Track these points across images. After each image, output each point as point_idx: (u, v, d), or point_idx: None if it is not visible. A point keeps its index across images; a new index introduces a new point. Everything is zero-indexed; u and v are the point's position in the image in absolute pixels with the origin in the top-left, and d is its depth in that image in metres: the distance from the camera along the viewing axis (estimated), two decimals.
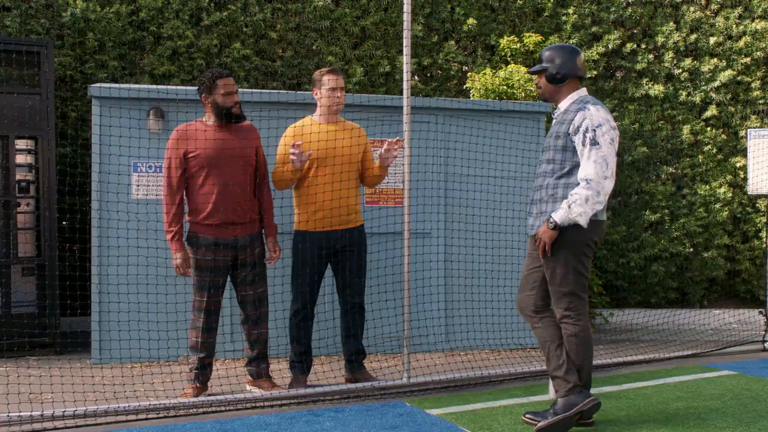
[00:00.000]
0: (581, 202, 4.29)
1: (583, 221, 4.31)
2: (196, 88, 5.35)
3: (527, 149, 7.20)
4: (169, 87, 6.56)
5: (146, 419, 4.68)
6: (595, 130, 4.34)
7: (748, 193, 7.54)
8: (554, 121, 4.64)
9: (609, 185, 4.34)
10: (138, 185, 6.36)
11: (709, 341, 7.67)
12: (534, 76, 5.35)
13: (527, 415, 4.49)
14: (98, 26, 8.03)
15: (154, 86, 6.60)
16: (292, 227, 5.60)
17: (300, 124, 5.48)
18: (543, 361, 6.44)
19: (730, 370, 6.18)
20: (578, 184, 4.36)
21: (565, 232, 4.37)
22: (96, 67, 8.06)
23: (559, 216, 4.33)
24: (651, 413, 4.80)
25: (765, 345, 7.19)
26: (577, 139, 4.38)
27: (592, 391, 5.26)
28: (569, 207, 4.31)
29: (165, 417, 4.73)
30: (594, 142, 4.33)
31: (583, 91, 4.62)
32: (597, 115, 4.37)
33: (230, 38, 8.48)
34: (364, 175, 5.61)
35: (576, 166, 4.42)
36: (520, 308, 4.71)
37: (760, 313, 7.48)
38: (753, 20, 9.34)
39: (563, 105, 4.60)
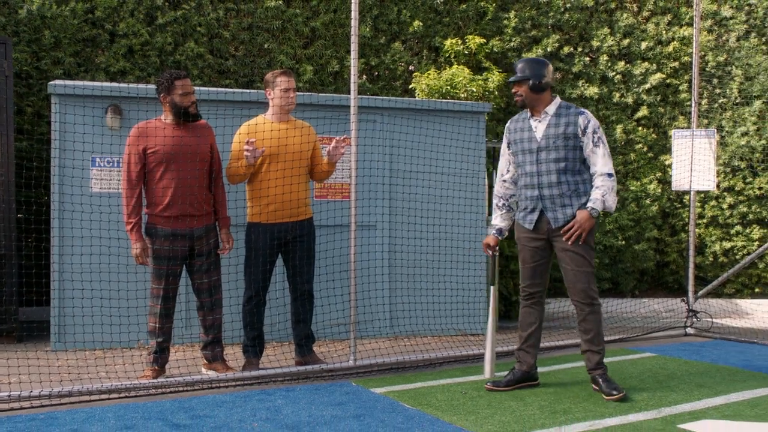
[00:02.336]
0: (611, 192, 4.99)
1: (614, 208, 5.08)
2: (155, 87, 5.63)
3: (467, 147, 7.63)
4: (127, 85, 6.81)
5: (108, 399, 4.98)
6: (599, 130, 5.03)
7: (672, 189, 8.06)
8: (541, 122, 5.13)
9: None
10: (96, 179, 6.62)
11: (636, 327, 8.19)
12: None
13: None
14: (54, 23, 8.24)
15: (113, 84, 6.86)
16: (245, 219, 5.93)
17: (253, 122, 5.81)
18: (479, 345, 6.90)
19: (652, 352, 6.69)
20: (589, 178, 5.08)
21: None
22: (52, 63, 8.27)
23: (599, 206, 4.97)
24: (575, 390, 5.25)
25: (686, 330, 7.73)
26: (587, 140, 5.02)
27: None
28: (604, 198, 4.97)
29: (126, 397, 5.04)
30: (603, 141, 5.04)
31: (558, 98, 5.19)
32: (594, 118, 5.06)
33: (184, 37, 8.76)
34: (313, 170, 5.96)
35: (582, 163, 5.08)
36: (533, 294, 5.31)
37: (682, 301, 8.01)
38: (681, 27, 9.92)
39: (550, 109, 5.12)
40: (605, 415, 4.60)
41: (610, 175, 4.99)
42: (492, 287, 5.58)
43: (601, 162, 5.01)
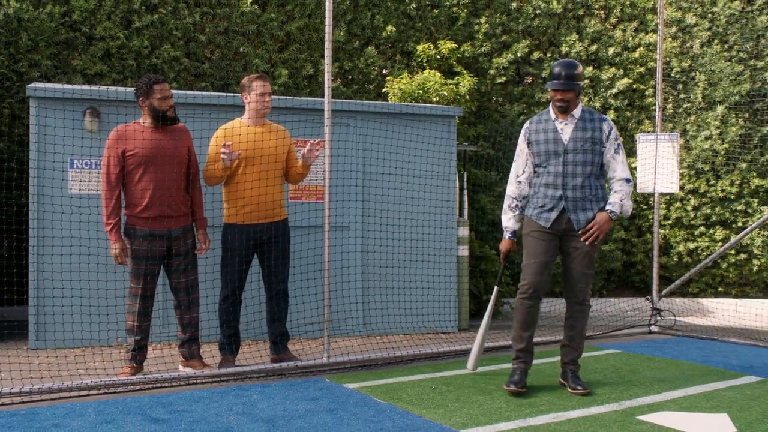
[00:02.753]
0: (628, 198, 5.18)
1: (629, 214, 5.28)
2: (134, 90, 5.76)
3: (439, 150, 7.83)
4: (107, 89, 6.91)
5: (87, 395, 5.11)
6: (618, 138, 5.21)
7: (637, 191, 8.32)
8: (567, 125, 5.20)
9: None
10: (74, 181, 6.73)
11: (602, 325, 8.42)
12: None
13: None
14: (31, 26, 8.33)
15: (91, 87, 6.95)
16: (221, 220, 6.08)
17: (230, 125, 5.97)
18: (450, 342, 7.09)
19: (616, 349, 6.91)
20: (604, 183, 5.25)
21: None
22: (29, 65, 8.35)
23: (618, 209, 5.15)
24: (542, 385, 5.45)
25: (650, 328, 7.97)
26: (609, 146, 5.18)
27: (492, 367, 5.98)
28: (622, 202, 5.15)
29: (105, 393, 5.17)
30: (621, 148, 5.22)
31: (581, 102, 5.32)
32: (614, 125, 5.30)
33: (161, 40, 8.88)
34: (288, 173, 6.12)
35: (600, 168, 5.23)
36: (538, 290, 5.25)
37: (647, 300, 8.26)
38: (647, 33, 10.20)
39: (576, 113, 5.22)
40: (569, 408, 4.80)
41: (628, 180, 5.17)
42: (496, 287, 5.80)
43: (620, 168, 5.18)
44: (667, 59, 10.06)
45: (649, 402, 4.95)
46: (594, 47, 10.17)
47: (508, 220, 5.43)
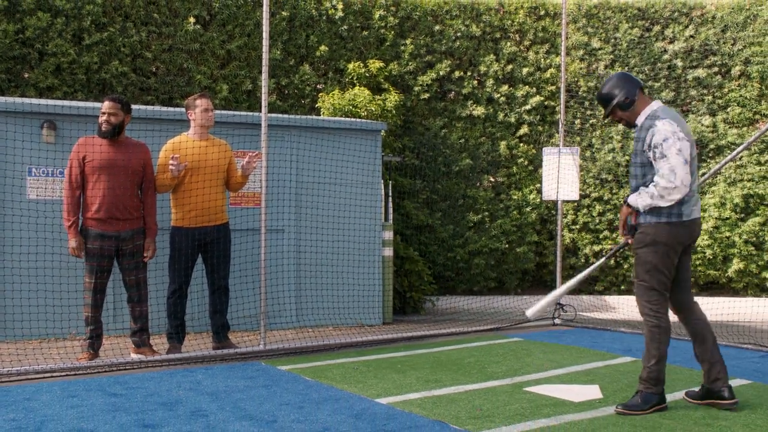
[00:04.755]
0: (648, 195, 4.76)
1: (641, 209, 4.84)
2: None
3: (366, 161, 8.67)
4: (68, 103, 7.55)
5: (51, 377, 5.81)
6: (662, 144, 4.70)
7: (543, 199, 9.29)
8: (634, 137, 4.98)
9: (676, 194, 4.72)
10: (32, 187, 7.39)
11: (513, 319, 9.35)
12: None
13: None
14: None
15: (55, 102, 7.58)
16: (169, 224, 6.82)
17: (177, 140, 6.71)
18: (374, 333, 7.95)
19: (520, 338, 7.83)
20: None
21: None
22: None
23: (633, 200, 4.86)
24: (448, 365, 6.33)
25: (554, 321, 8.92)
26: (651, 155, 4.77)
27: (409, 353, 6.85)
28: (639, 195, 4.80)
29: (67, 375, 5.87)
30: (662, 155, 4.70)
31: (655, 104, 4.94)
32: (663, 129, 4.73)
33: (109, 56, 9.54)
34: (229, 181, 6.89)
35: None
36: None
37: None
38: (557, 55, 11.23)
39: (639, 120, 4.93)
40: (468, 383, 5.68)
41: (660, 182, 4.69)
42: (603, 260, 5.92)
43: (662, 170, 4.69)
44: (575, 79, 11.11)
45: (536, 377, 5.85)
46: (510, 67, 11.16)
47: None
